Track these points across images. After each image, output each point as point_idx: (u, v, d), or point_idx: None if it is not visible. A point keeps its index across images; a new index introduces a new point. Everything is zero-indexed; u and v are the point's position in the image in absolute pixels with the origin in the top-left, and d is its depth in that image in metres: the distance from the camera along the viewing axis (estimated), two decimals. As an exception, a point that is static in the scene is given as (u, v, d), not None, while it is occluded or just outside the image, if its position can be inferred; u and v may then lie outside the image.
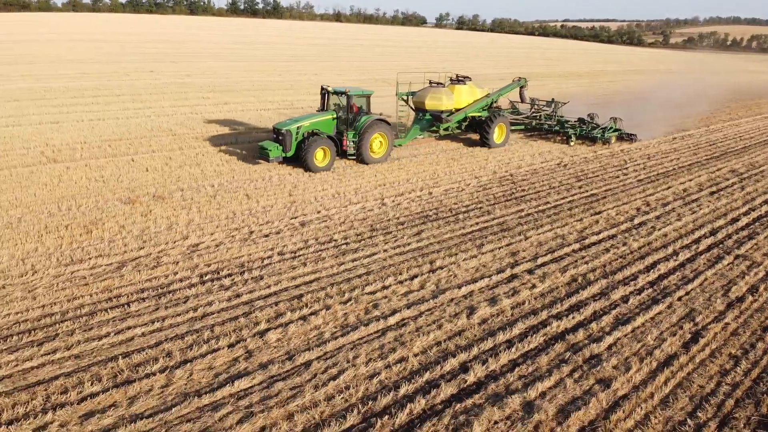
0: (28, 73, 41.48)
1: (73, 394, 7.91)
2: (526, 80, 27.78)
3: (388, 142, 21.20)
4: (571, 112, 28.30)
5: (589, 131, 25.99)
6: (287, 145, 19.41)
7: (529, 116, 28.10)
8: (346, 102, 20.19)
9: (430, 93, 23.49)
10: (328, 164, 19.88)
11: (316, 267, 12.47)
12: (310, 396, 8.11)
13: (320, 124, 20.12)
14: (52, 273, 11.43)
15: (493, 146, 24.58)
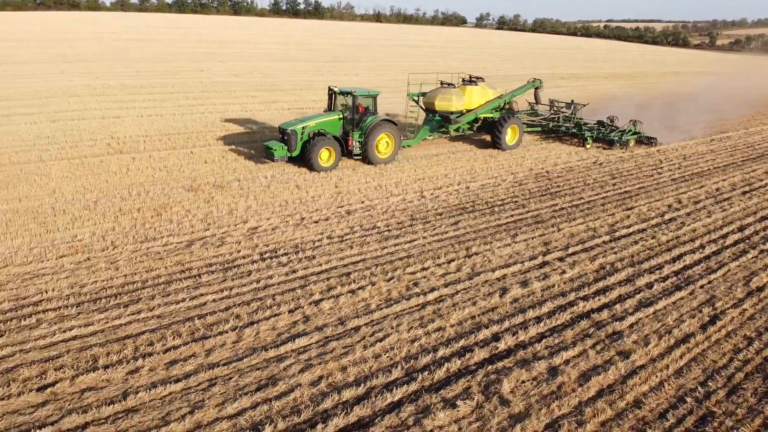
0: (85, 70, 44.00)
1: (158, 346, 9.28)
2: (541, 81, 27.68)
3: (394, 143, 21.31)
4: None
5: (607, 134, 25.74)
6: (292, 144, 19.61)
7: (547, 118, 27.89)
8: (352, 102, 20.40)
9: (440, 94, 23.42)
10: (333, 164, 20.07)
11: (362, 250, 13.66)
12: (360, 354, 9.30)
13: (326, 124, 20.29)
14: (130, 248, 12.95)
15: (505, 148, 24.31)
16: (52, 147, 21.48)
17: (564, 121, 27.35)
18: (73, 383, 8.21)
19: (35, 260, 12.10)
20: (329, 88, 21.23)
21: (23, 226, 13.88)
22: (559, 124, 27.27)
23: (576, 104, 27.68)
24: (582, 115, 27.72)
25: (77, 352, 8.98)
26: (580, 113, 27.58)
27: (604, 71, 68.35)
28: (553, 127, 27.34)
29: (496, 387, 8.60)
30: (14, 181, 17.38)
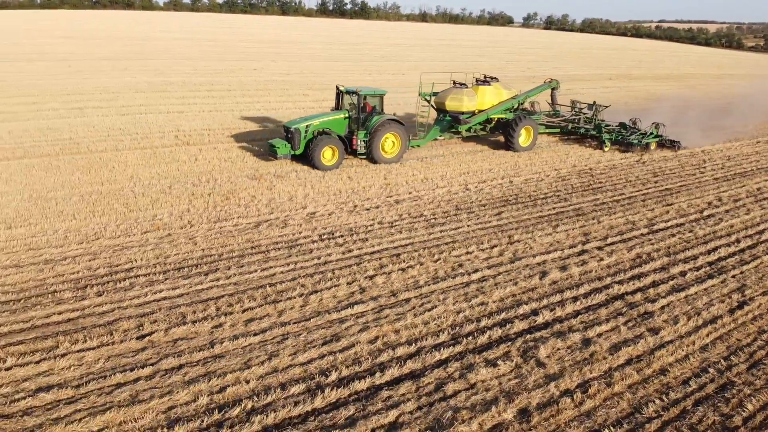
0: (145, 68, 46.56)
1: (237, 307, 10.66)
2: (558, 82, 27.23)
3: (400, 143, 21.28)
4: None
5: (626, 137, 25.13)
6: (296, 143, 19.82)
7: (567, 119, 27.08)
8: (357, 101, 20.58)
9: (451, 94, 23.29)
10: (337, 163, 20.22)
11: (410, 235, 14.81)
12: (411, 320, 10.46)
13: (331, 123, 20.50)
14: (205, 227, 14.46)
15: (518, 149, 23.92)
16: (125, 138, 23.41)
17: (585, 123, 26.62)
18: (167, 334, 9.64)
19: (122, 235, 13.72)
20: (336, 87, 21.48)
21: (108, 205, 15.59)
22: (578, 126, 26.58)
23: (598, 105, 26.84)
24: (604, 116, 27.01)
25: (167, 310, 10.44)
26: (602, 115, 26.85)
27: (654, 72, 67.52)
28: (572, 129, 26.67)
29: (534, 352, 9.62)
30: (95, 167, 19.23)
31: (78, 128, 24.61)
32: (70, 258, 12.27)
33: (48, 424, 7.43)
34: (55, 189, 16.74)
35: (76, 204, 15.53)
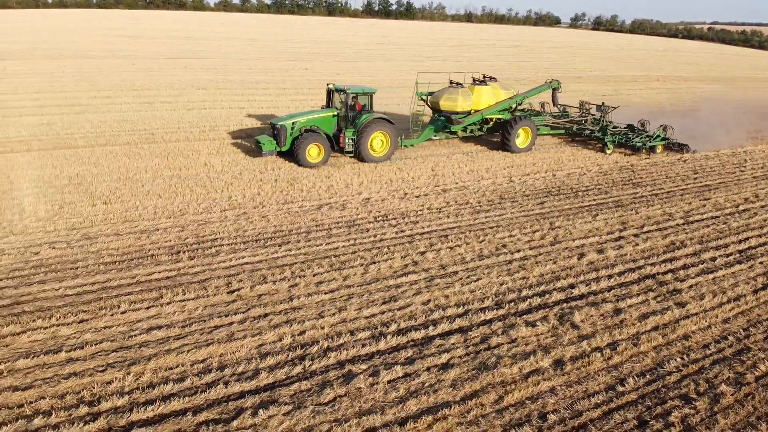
0: (205, 66, 49.13)
1: (308, 272, 12.27)
2: (559, 82, 26.74)
3: (390, 142, 21.34)
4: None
5: (628, 139, 24.79)
6: (281, 139, 20.16)
7: (573, 120, 26.82)
8: (345, 99, 20.78)
9: (446, 93, 23.21)
10: (323, 160, 20.39)
11: (457, 219, 16.19)
12: (459, 288, 11.86)
13: (318, 121, 20.65)
14: (275, 208, 16.19)
15: (515, 150, 23.68)
16: (194, 130, 25.50)
17: (592, 124, 26.21)
18: (252, 290, 11.32)
19: (204, 212, 15.56)
20: (327, 85, 21.76)
21: (188, 187, 17.49)
22: (583, 127, 26.22)
23: (606, 106, 26.13)
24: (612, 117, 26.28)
25: (250, 272, 12.13)
26: (610, 116, 26.06)
27: (704, 74, 66.71)
28: (577, 130, 26.32)
29: (569, 317, 10.88)
30: (172, 154, 21.26)
31: (151, 120, 26.86)
32: (162, 229, 14.15)
33: (162, 353, 9.15)
34: (139, 172, 18.78)
35: (160, 185, 17.49)
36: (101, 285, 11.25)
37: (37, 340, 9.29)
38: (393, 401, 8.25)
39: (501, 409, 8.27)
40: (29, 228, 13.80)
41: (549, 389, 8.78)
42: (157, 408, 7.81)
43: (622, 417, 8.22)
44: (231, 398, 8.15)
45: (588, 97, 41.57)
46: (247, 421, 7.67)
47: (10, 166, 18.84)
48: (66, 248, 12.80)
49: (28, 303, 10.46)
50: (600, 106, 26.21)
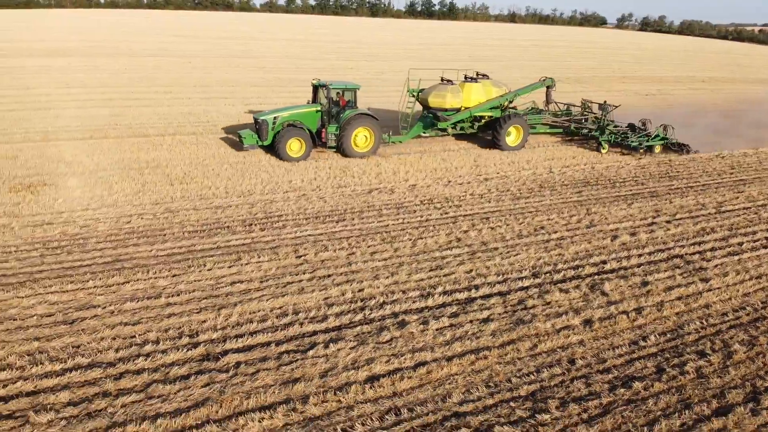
0: (254, 65, 51.38)
1: (363, 244, 13.77)
2: (553, 80, 26.42)
3: (374, 137, 21.54)
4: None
5: (623, 139, 24.52)
6: (263, 133, 20.55)
7: (572, 119, 26.68)
8: (327, 95, 21.07)
9: (435, 90, 23.27)
10: (304, 155, 20.62)
11: (498, 204, 17.44)
12: (498, 261, 13.14)
13: (301, 116, 20.94)
14: (330, 190, 17.77)
15: (505, 148, 23.64)
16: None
17: (592, 123, 26.03)
18: (316, 256, 12.89)
19: (269, 193, 17.27)
20: (312, 81, 22.23)
21: (253, 172, 19.24)
22: (580, 126, 26.03)
23: (608, 105, 25.84)
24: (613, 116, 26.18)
25: (313, 242, 13.71)
26: (612, 115, 25.92)
27: (752, 76, 65.69)
28: (574, 129, 26.08)
29: (599, 286, 12.06)
30: (236, 144, 23.09)
31: (212, 114, 28.90)
32: (234, 206, 15.90)
33: (245, 301, 10.77)
34: (208, 158, 20.66)
35: (227, 170, 19.31)
36: (187, 248, 13.01)
37: (139, 288, 11.04)
38: (441, 343, 9.64)
39: (534, 354, 9.56)
40: (118, 202, 15.73)
41: (578, 342, 10.02)
42: (245, 340, 9.42)
43: (642, 365, 9.40)
44: (305, 335, 9.70)
45: (629, 96, 42.11)
46: (320, 352, 9.19)
47: (92, 150, 20.99)
48: (152, 219, 14.66)
49: (126, 261, 12.28)
50: (602, 105, 25.99)
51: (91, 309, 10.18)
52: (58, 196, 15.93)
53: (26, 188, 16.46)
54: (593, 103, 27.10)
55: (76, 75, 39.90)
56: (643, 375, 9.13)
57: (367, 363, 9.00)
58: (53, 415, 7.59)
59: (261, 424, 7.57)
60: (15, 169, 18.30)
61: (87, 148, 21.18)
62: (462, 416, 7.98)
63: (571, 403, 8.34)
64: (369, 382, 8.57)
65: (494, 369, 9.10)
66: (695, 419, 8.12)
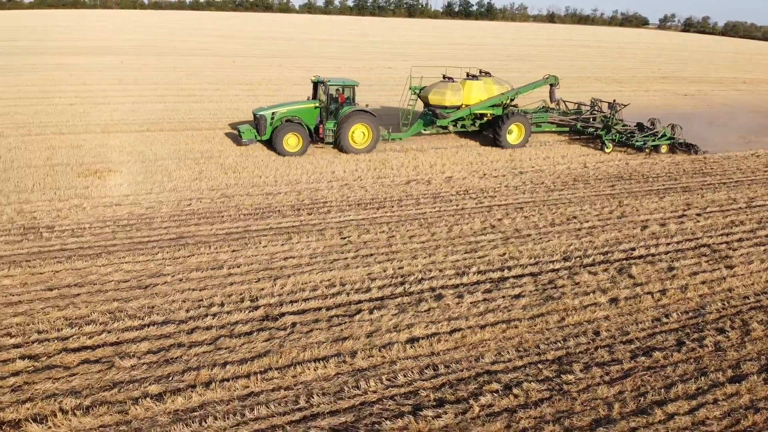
0: (296, 65, 52.83)
1: (402, 228, 14.73)
2: (556, 78, 25.98)
3: (371, 134, 21.84)
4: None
5: (628, 138, 24.30)
6: (261, 128, 21.06)
7: (579, 117, 26.44)
8: (325, 91, 21.47)
9: (435, 88, 23.41)
10: (301, 150, 20.99)
11: (532, 196, 18.17)
12: (531, 246, 13.94)
13: (300, 112, 21.35)
14: (371, 181, 18.80)
15: (506, 146, 23.67)
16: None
17: (600, 122, 25.74)
18: (359, 238, 13.91)
19: (314, 182, 18.40)
20: (311, 78, 22.75)
21: (299, 164, 20.40)
22: (587, 125, 25.85)
23: (617, 104, 25.59)
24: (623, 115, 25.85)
25: (356, 226, 14.75)
26: (621, 114, 25.67)
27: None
28: (580, 128, 25.88)
29: (627, 270, 12.75)
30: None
31: (257, 110, 30.26)
32: (283, 193, 17.08)
33: (297, 273, 11.86)
34: (257, 150, 21.90)
35: (276, 161, 20.53)
36: (243, 228, 14.22)
37: (203, 261, 12.25)
38: (474, 314, 10.54)
39: (562, 326, 10.38)
40: (178, 187, 17.08)
41: (604, 317, 10.78)
42: (299, 305, 10.51)
43: (663, 338, 10.12)
44: (352, 303, 10.73)
45: (667, 96, 42.05)
46: (365, 317, 10.20)
47: (149, 141, 22.51)
48: (210, 202, 15.94)
49: (189, 237, 13.54)
50: (611, 104, 25.78)
51: (162, 277, 11.42)
52: (122, 181, 17.40)
53: (93, 173, 17.98)
54: (603, 102, 26.92)
55: (128, 73, 42.02)
56: (663, 346, 9.85)
57: (408, 327, 9.96)
58: (135, 360, 8.79)
59: (316, 372, 8.61)
60: (81, 157, 19.89)
61: (144, 140, 22.72)
62: (493, 374, 8.87)
63: (594, 367, 9.14)
64: (409, 342, 9.53)
65: (524, 337, 9.95)
66: (710, 384, 8.82)
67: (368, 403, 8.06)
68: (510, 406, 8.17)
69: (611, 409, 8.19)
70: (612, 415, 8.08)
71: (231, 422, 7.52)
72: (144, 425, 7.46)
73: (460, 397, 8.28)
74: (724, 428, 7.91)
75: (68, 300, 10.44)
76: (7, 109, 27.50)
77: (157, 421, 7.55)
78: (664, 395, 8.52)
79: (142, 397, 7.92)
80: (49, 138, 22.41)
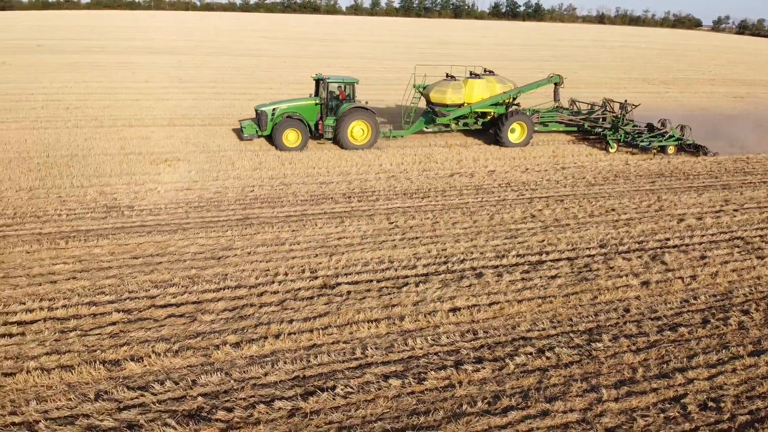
0: (345, 66, 54.29)
1: (445, 216, 15.77)
2: (560, 77, 25.98)
3: (370, 130, 22.32)
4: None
5: (634, 138, 24.23)
6: (262, 124, 21.64)
7: (587, 118, 26.39)
8: (325, 88, 22.00)
9: (437, 86, 23.67)
10: (300, 145, 21.56)
11: (573, 189, 18.91)
12: (569, 234, 14.77)
13: (300, 108, 21.90)
14: (416, 173, 19.91)
15: (508, 145, 23.84)
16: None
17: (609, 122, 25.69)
18: (405, 223, 15.04)
19: (363, 173, 19.63)
20: (312, 76, 23.44)
21: (349, 157, 21.67)
22: (594, 125, 25.87)
23: (628, 104, 25.54)
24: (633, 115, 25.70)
25: (402, 212, 15.88)
26: (631, 114, 25.56)
27: None
28: (588, 128, 25.92)
29: (660, 257, 13.45)
30: (330, 133, 25.68)
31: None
32: (335, 182, 18.39)
33: (350, 251, 13.08)
34: (311, 144, 23.28)
35: (327, 153, 21.86)
36: (301, 212, 15.56)
37: (267, 238, 13.61)
38: (512, 290, 11.51)
39: (594, 303, 11.25)
40: (241, 175, 18.60)
41: (634, 297, 11.59)
42: (353, 277, 11.73)
43: (689, 316, 10.88)
44: (399, 278, 11.87)
45: (716, 98, 41.70)
46: (412, 289, 11.32)
47: (212, 134, 24.20)
48: (270, 189, 17.37)
49: (254, 219, 14.94)
50: (623, 104, 25.71)
51: (232, 250, 12.83)
52: (190, 168, 19.03)
53: (164, 162, 19.68)
54: (614, 102, 26.80)
55: (186, 71, 44.32)
56: (689, 323, 10.61)
57: (450, 299, 11.03)
58: (214, 316, 10.14)
59: (369, 330, 9.78)
60: (151, 147, 21.68)
61: (207, 133, 24.43)
62: (528, 339, 9.85)
63: (622, 338, 10.00)
64: (452, 311, 10.60)
65: (558, 311, 10.88)
66: (730, 357, 9.57)
67: (415, 357, 9.18)
68: (542, 366, 9.14)
69: (635, 372, 9.05)
70: (635, 377, 8.94)
71: (298, 366, 8.76)
72: (225, 366, 8.77)
73: (497, 356, 9.30)
74: (740, 393, 8.67)
75: (152, 267, 11.93)
76: (79, 103, 29.82)
77: (235, 363, 8.85)
78: (686, 363, 9.32)
79: (221, 344, 9.24)
80: (120, 130, 24.38)
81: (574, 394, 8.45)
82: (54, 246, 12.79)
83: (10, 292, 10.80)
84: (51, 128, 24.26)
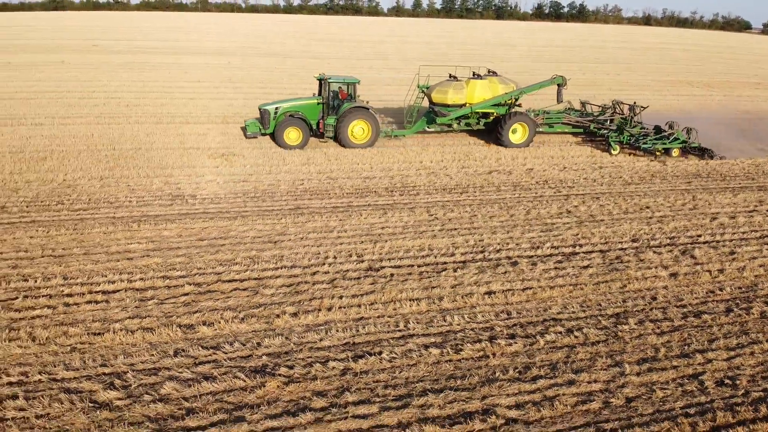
0: (385, 66, 55.52)
1: (482, 210, 16.65)
2: (564, 78, 25.79)
3: (371, 130, 22.78)
4: None
5: (637, 140, 24.12)
6: (265, 122, 22.39)
7: (594, 119, 26.41)
8: (327, 88, 22.52)
9: (438, 87, 24.00)
10: (301, 143, 22.17)
11: (609, 188, 19.51)
12: (603, 229, 15.45)
13: (302, 107, 22.56)
14: (455, 170, 20.83)
15: (509, 146, 24.06)
16: (389, 116, 31.06)
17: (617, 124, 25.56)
18: (444, 215, 15.99)
19: (404, 169, 20.66)
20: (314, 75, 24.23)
21: (390, 154, 22.74)
22: (599, 127, 25.99)
23: (636, 106, 25.32)
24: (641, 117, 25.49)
25: (442, 206, 16.85)
26: (639, 116, 25.36)
27: None
28: (594, 129, 26.06)
29: (690, 252, 14.05)
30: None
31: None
32: (378, 177, 19.48)
33: (392, 240, 14.12)
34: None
35: (370, 150, 22.97)
36: (347, 204, 16.70)
37: (317, 226, 14.80)
38: (546, 278, 12.36)
39: (623, 291, 12.00)
40: (292, 170, 19.88)
41: (662, 286, 12.28)
42: (396, 262, 12.77)
43: (714, 305, 11.53)
44: (438, 264, 12.85)
45: (760, 101, 41.14)
46: (450, 274, 12.29)
47: (262, 132, 25.62)
48: (318, 183, 18.59)
49: (304, 209, 16.16)
50: (632, 106, 25.57)
51: (286, 235, 14.06)
52: (246, 162, 20.43)
53: (221, 156, 21.14)
54: (623, 104, 26.68)
55: (236, 72, 46.20)
56: (713, 312, 11.27)
57: (486, 283, 11.96)
58: (274, 290, 11.34)
59: (410, 308, 10.81)
60: (207, 143, 23.20)
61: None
62: (558, 320, 10.71)
63: (648, 322, 10.75)
64: (487, 294, 11.53)
65: (588, 297, 11.69)
66: (750, 341, 10.22)
67: (453, 331, 10.16)
68: (570, 343, 9.99)
69: (658, 352, 9.82)
70: (657, 356, 9.71)
71: (348, 334, 9.86)
72: (284, 332, 9.94)
73: (528, 333, 10.20)
74: (755, 373, 9.34)
75: (216, 248, 13.24)
76: (138, 101, 31.75)
77: (294, 330, 10.01)
78: (706, 346, 10.03)
79: (281, 314, 10.42)
80: (178, 126, 26.05)
81: (598, 368, 9.29)
82: (128, 228, 14.25)
83: (92, 267, 12.23)
84: (114, 124, 26.09)
